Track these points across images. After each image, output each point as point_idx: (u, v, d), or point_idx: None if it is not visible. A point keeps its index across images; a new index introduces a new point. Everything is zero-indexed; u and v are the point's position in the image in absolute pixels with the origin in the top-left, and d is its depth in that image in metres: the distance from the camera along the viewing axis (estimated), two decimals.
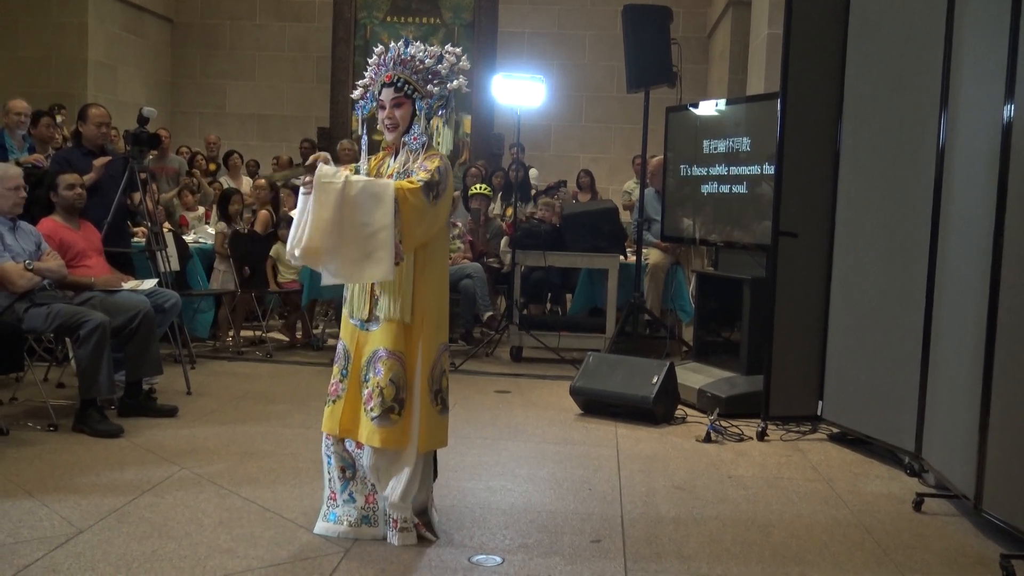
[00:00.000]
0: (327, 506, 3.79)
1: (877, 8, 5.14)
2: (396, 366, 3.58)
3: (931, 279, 4.64)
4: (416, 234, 3.51)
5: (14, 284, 5.15)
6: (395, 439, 3.58)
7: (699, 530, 3.98)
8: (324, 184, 3.39)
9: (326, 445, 3.76)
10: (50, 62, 11.78)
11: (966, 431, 4.09)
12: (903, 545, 3.90)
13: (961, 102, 4.39)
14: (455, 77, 3.68)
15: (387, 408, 3.56)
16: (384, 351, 3.59)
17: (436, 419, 3.67)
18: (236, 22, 13.97)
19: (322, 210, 3.39)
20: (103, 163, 6.29)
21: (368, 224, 3.41)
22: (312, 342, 8.27)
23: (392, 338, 3.59)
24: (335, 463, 3.75)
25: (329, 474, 3.78)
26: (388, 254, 3.40)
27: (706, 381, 6.27)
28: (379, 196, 3.42)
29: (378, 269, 3.43)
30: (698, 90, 12.03)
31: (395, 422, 3.58)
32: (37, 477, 4.33)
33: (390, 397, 3.56)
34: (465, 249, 8.66)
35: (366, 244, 3.42)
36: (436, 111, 3.68)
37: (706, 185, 7.13)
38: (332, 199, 3.38)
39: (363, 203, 3.42)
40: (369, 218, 3.41)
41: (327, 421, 3.71)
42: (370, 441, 3.59)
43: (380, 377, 3.57)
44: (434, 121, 3.69)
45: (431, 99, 3.65)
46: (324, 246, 3.42)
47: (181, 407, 5.68)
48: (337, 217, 3.39)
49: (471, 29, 13.62)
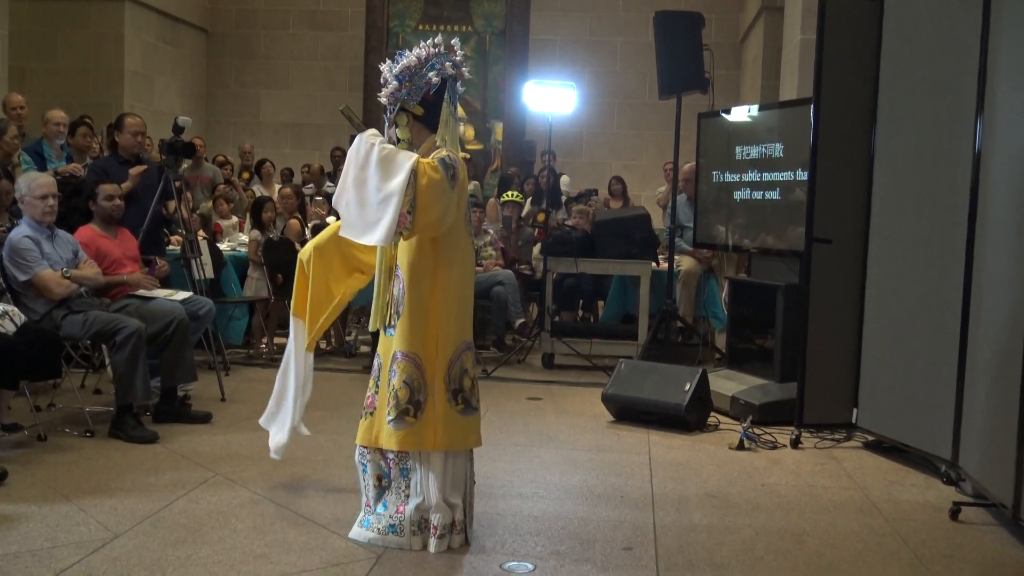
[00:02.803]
0: (364, 512, 3.80)
1: (912, 13, 5.09)
2: (410, 367, 3.59)
3: (967, 285, 4.59)
4: (432, 211, 3.51)
5: (52, 292, 5.23)
6: (412, 441, 3.59)
7: (732, 538, 3.95)
8: (362, 140, 3.55)
9: (361, 454, 3.78)
10: (88, 73, 11.96)
11: (1004, 438, 4.04)
12: (939, 555, 3.85)
13: (998, 106, 4.35)
14: (403, 78, 3.66)
15: (402, 411, 3.57)
16: (400, 353, 3.61)
17: (456, 419, 3.65)
18: (270, 32, 14.10)
19: (351, 166, 3.54)
20: (139, 172, 6.37)
21: (381, 189, 3.47)
22: (345, 349, 8.31)
23: (406, 340, 3.60)
24: (371, 471, 3.77)
25: (365, 483, 3.79)
26: (389, 220, 3.44)
27: (739, 388, 6.24)
28: (400, 165, 3.49)
29: (375, 234, 3.49)
30: (730, 96, 11.97)
31: (411, 424, 3.58)
32: (74, 482, 4.39)
33: (404, 399, 3.57)
34: (497, 256, 8.67)
35: (377, 209, 3.48)
36: (405, 105, 3.69)
37: (739, 191, 7.09)
38: (362, 157, 3.52)
39: (384, 168, 3.49)
40: (384, 184, 3.47)
41: (362, 433, 3.73)
42: (388, 444, 3.61)
43: (395, 380, 3.59)
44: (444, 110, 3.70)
45: (389, 111, 3.70)
46: (347, 198, 3.54)
47: (215, 413, 5.73)
48: (362, 176, 3.51)
49: (503, 37, 13.65)
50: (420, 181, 3.47)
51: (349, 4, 13.88)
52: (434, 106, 3.70)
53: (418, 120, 3.71)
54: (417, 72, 3.66)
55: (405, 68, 3.66)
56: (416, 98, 3.68)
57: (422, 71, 3.66)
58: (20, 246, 5.21)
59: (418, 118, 3.71)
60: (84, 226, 5.82)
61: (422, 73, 3.66)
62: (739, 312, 7.06)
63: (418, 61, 3.67)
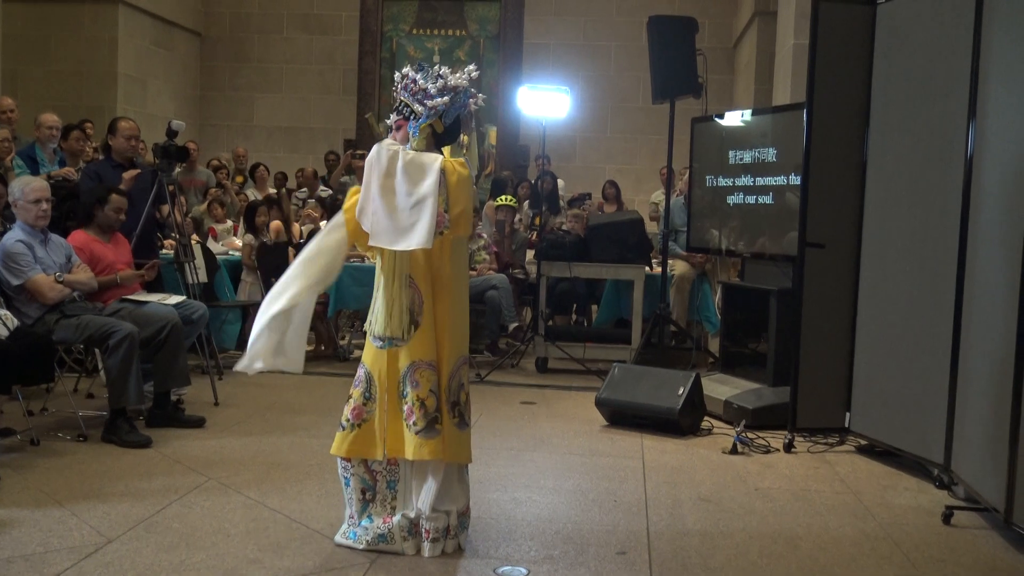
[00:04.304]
0: (348, 524, 3.78)
1: (904, 17, 5.11)
2: (434, 377, 3.62)
3: (960, 289, 4.61)
4: (465, 206, 3.60)
5: (45, 296, 5.23)
6: (440, 449, 3.60)
7: (725, 543, 3.96)
8: (381, 148, 3.58)
9: (344, 467, 3.74)
10: (81, 76, 11.96)
11: (996, 443, 4.05)
12: (932, 559, 3.86)
13: (990, 110, 4.36)
14: (446, 94, 3.68)
15: (431, 419, 3.58)
16: (423, 362, 3.61)
17: (454, 432, 3.66)
18: (264, 35, 14.09)
19: (374, 175, 3.56)
20: (132, 176, 6.36)
21: (412, 194, 3.51)
22: (338, 353, 8.30)
23: (427, 349, 3.63)
24: (354, 485, 3.73)
25: (348, 496, 3.77)
26: (426, 222, 3.47)
27: (732, 392, 6.24)
28: (428, 167, 3.54)
29: (413, 238, 3.49)
30: (724, 101, 11.99)
31: (439, 432, 3.60)
32: (67, 487, 4.38)
33: (432, 408, 3.59)
34: (491, 260, 8.68)
35: (410, 214, 3.50)
36: (433, 119, 3.70)
37: (732, 196, 7.10)
38: (384, 165, 3.55)
39: (412, 173, 3.53)
40: (415, 188, 3.51)
41: (348, 446, 3.67)
42: (418, 455, 3.57)
43: (420, 389, 3.59)
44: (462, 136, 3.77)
45: (419, 119, 3.70)
46: (373, 208, 3.55)
47: (208, 418, 5.72)
48: (388, 184, 3.53)
49: (497, 41, 13.66)
50: (450, 179, 3.56)
51: (343, 8, 13.88)
52: (452, 128, 3.77)
53: (435, 135, 3.74)
54: (462, 94, 3.72)
55: (453, 87, 3.70)
56: (450, 117, 3.73)
57: (463, 96, 3.73)
58: (13, 250, 5.21)
59: (436, 134, 3.74)
60: (78, 230, 5.81)
61: (462, 100, 3.74)
62: (732, 316, 7.08)
63: (462, 85, 3.72)
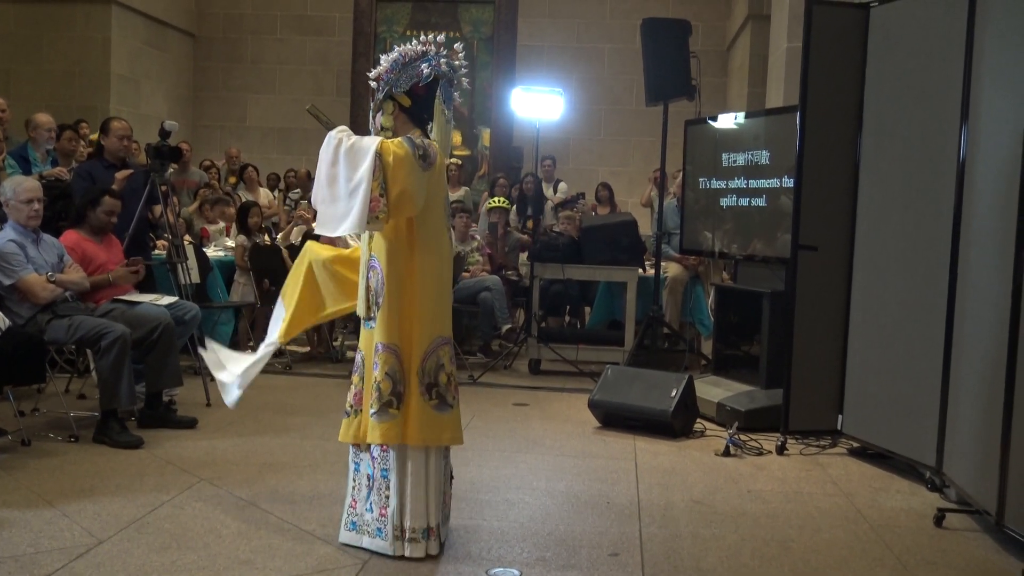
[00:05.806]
0: (348, 514, 3.76)
1: (897, 21, 5.13)
2: (391, 359, 3.57)
3: (952, 292, 4.62)
4: (404, 186, 3.47)
5: (36, 296, 5.21)
6: (395, 434, 3.56)
7: (718, 545, 3.96)
8: (330, 137, 3.57)
9: (355, 453, 3.75)
10: (74, 76, 11.92)
11: (988, 445, 4.06)
12: (924, 561, 3.87)
13: (982, 114, 4.37)
14: (396, 65, 3.65)
15: (385, 403, 3.55)
16: (381, 345, 3.59)
17: (430, 414, 3.62)
18: (258, 36, 14.07)
19: (322, 164, 3.56)
20: (125, 176, 6.34)
21: (351, 179, 3.47)
22: (331, 354, 8.29)
23: (386, 331, 3.58)
24: (363, 470, 3.72)
25: (356, 482, 3.75)
26: (359, 207, 3.43)
27: (725, 395, 6.25)
28: (365, 150, 3.48)
29: (346, 223, 3.47)
30: (717, 103, 12.01)
31: (394, 416, 3.56)
32: (58, 487, 4.36)
33: (387, 391, 3.55)
34: (484, 262, 8.67)
35: (348, 200, 3.47)
36: (393, 93, 3.69)
37: (725, 198, 7.11)
38: (330, 153, 3.54)
39: (351, 159, 3.49)
40: (353, 173, 3.47)
41: (351, 431, 3.69)
42: (371, 438, 3.58)
43: (377, 372, 3.57)
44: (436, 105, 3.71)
45: (382, 88, 3.69)
46: (320, 196, 3.55)
47: (200, 419, 5.70)
48: (332, 173, 3.52)
49: (491, 43, 13.65)
50: (386, 159, 3.46)
51: (337, 9, 13.86)
52: (424, 100, 3.70)
53: (404, 111, 3.70)
54: (411, 61, 3.65)
55: (400, 54, 3.65)
56: (404, 86, 3.66)
57: (416, 62, 3.65)
58: (4, 250, 5.19)
59: (404, 109, 3.70)
60: (70, 230, 5.79)
61: (415, 64, 3.65)
62: (725, 318, 7.08)
63: (414, 51, 3.66)
